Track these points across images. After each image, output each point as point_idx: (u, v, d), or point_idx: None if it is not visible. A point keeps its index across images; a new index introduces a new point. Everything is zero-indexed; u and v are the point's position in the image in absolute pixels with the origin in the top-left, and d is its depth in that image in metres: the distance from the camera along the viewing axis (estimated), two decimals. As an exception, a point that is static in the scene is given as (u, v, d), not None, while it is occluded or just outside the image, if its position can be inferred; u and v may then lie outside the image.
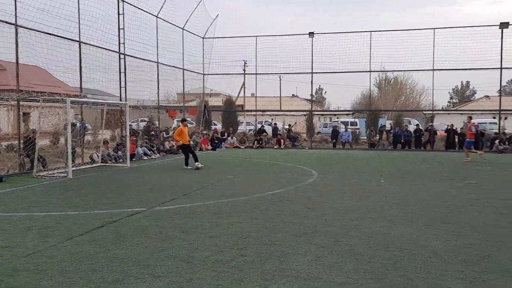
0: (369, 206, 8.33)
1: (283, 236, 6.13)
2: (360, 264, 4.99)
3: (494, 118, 31.21)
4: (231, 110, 30.46)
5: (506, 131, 25.78)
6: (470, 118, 19.24)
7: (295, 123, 31.95)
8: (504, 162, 17.60)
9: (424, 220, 7.10)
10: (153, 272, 4.70)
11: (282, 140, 25.92)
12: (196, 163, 14.30)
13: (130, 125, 18.45)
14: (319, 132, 35.15)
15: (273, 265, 4.95)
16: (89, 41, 16.28)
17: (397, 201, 8.80)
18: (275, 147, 25.70)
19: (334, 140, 27.08)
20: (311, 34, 26.05)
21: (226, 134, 26.99)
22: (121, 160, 16.42)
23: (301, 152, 22.87)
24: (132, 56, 19.25)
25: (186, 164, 14.63)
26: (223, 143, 25.80)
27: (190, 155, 14.71)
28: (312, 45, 26.12)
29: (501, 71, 23.87)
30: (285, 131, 29.11)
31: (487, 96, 46.35)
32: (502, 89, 26.43)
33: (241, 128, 33.15)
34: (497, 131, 25.25)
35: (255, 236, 6.12)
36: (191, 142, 16.71)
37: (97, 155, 15.94)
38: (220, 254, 5.33)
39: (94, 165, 15.37)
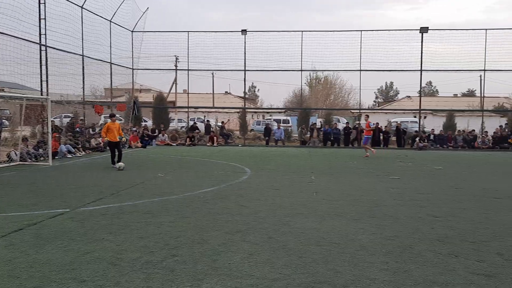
0: (300, 202, 8.48)
1: (216, 234, 6.06)
2: (292, 259, 5.05)
3: (415, 117, 33.25)
4: (162, 107, 29.79)
5: (425, 129, 27.54)
6: (368, 116, 20.43)
7: (228, 120, 31.92)
8: (423, 158, 18.78)
9: (352, 215, 7.36)
10: (77, 276, 4.43)
11: (215, 138, 25.78)
12: (119, 163, 13.56)
13: (52, 121, 17.38)
14: (252, 130, 35.41)
15: (206, 264, 4.86)
16: (6, 31, 15.11)
17: (327, 197, 9.06)
18: (208, 144, 25.50)
19: (267, 138, 27.42)
20: (243, 31, 26.13)
21: (157, 131, 26.34)
22: (42, 158, 15.44)
23: (234, 150, 22.89)
24: (54, 48, 18.16)
25: (113, 163, 13.99)
26: (153, 140, 25.16)
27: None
28: (245, 42, 26.22)
29: (421, 73, 25.46)
30: (218, 128, 28.99)
31: (408, 97, 49.27)
32: (422, 90, 28.20)
33: (173, 125, 32.55)
34: (417, 129, 26.92)
35: (187, 235, 5.99)
36: (124, 139, 15.97)
37: (16, 153, 14.85)
38: (150, 255, 5.14)
39: (12, 164, 14.31)
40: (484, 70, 25.41)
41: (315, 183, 11.03)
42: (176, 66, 36.13)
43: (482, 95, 28.49)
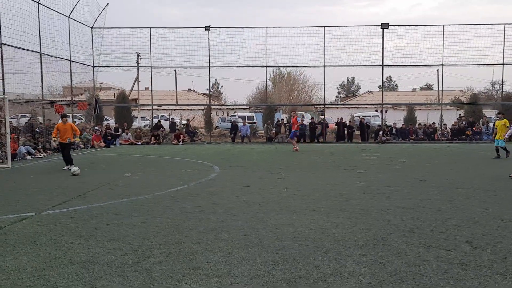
0: (272, 198, 8.50)
1: (190, 234, 5.98)
2: (270, 256, 5.04)
3: (377, 111, 34.06)
4: (125, 105, 29.14)
5: (387, 123, 28.26)
6: (295, 112, 20.99)
7: (194, 117, 31.62)
8: (387, 151, 19.26)
9: (324, 209, 7.44)
10: (50, 282, 4.26)
11: (181, 136, 25.47)
12: (73, 168, 12.46)
13: (10, 121, 16.66)
14: (217, 127, 35.24)
15: (183, 264, 4.78)
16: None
17: (297, 192, 9.11)
18: (173, 142, 25.19)
19: (232, 135, 27.35)
20: (207, 27, 25.92)
21: (120, 129, 25.76)
22: (0, 160, 14.78)
23: (200, 147, 22.71)
24: (10, 46, 17.38)
25: (70, 164, 13.35)
26: (117, 139, 24.60)
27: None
28: (208, 39, 26.03)
29: (382, 68, 26.06)
30: (183, 126, 28.68)
31: (370, 91, 50.45)
32: (383, 85, 28.86)
33: (136, 123, 31.95)
34: (380, 123, 27.56)
35: (161, 236, 5.88)
36: (77, 140, 15.25)
37: (-28, 155, 14.18)
38: (124, 257, 5.01)
39: (-32, 167, 13.64)
40: (442, 64, 26.30)
41: (285, 179, 11.09)
42: (137, 63, 35.41)
43: (441, 89, 29.44)
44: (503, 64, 25.90)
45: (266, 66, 26.76)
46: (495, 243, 5.43)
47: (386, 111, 30.91)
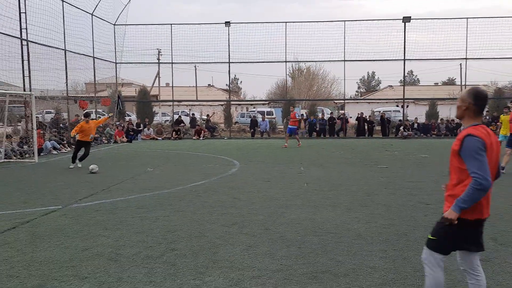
0: (293, 193, 8.53)
1: (213, 227, 6.06)
2: (291, 250, 5.09)
3: (398, 106, 33.64)
4: (146, 101, 29.49)
5: (408, 118, 27.89)
6: (293, 107, 20.78)
7: (213, 113, 31.79)
8: (409, 146, 19.03)
9: (346, 204, 7.44)
10: (78, 273, 4.40)
11: (202, 131, 25.65)
12: (91, 166, 12.15)
13: (36, 117, 17.07)
14: (236, 122, 35.36)
15: (206, 257, 4.87)
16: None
17: (318, 187, 9.12)
18: (194, 138, 25.38)
19: (252, 130, 27.42)
20: (227, 23, 25.97)
21: (141, 125, 26.10)
22: (27, 155, 15.17)
23: (220, 142, 22.84)
24: (36, 43, 17.77)
25: (73, 161, 13.01)
26: (139, 134, 24.93)
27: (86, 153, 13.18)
28: (228, 34, 26.08)
29: (404, 62, 25.71)
30: (203, 121, 28.88)
31: (390, 86, 49.80)
32: (404, 79, 28.50)
33: (157, 119, 32.29)
34: (401, 118, 27.23)
35: (184, 229, 5.99)
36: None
37: (0, 150, 14.57)
38: (149, 249, 5.13)
39: (-3, 161, 14.04)
40: (466, 58, 25.77)
41: (305, 174, 11.10)
42: (159, 59, 35.74)
43: (464, 84, 28.89)
44: (529, 57, 25.24)
45: (285, 61, 26.70)
46: (520, 240, 5.35)
47: (407, 106, 30.51)
